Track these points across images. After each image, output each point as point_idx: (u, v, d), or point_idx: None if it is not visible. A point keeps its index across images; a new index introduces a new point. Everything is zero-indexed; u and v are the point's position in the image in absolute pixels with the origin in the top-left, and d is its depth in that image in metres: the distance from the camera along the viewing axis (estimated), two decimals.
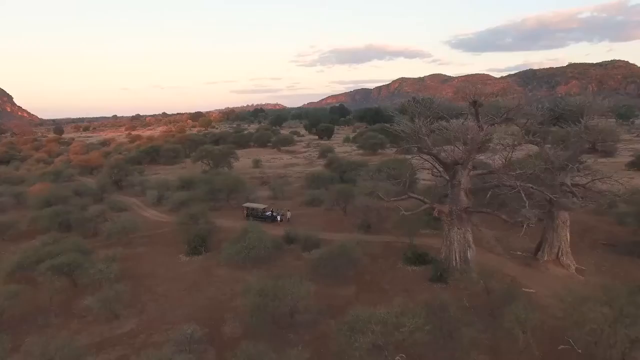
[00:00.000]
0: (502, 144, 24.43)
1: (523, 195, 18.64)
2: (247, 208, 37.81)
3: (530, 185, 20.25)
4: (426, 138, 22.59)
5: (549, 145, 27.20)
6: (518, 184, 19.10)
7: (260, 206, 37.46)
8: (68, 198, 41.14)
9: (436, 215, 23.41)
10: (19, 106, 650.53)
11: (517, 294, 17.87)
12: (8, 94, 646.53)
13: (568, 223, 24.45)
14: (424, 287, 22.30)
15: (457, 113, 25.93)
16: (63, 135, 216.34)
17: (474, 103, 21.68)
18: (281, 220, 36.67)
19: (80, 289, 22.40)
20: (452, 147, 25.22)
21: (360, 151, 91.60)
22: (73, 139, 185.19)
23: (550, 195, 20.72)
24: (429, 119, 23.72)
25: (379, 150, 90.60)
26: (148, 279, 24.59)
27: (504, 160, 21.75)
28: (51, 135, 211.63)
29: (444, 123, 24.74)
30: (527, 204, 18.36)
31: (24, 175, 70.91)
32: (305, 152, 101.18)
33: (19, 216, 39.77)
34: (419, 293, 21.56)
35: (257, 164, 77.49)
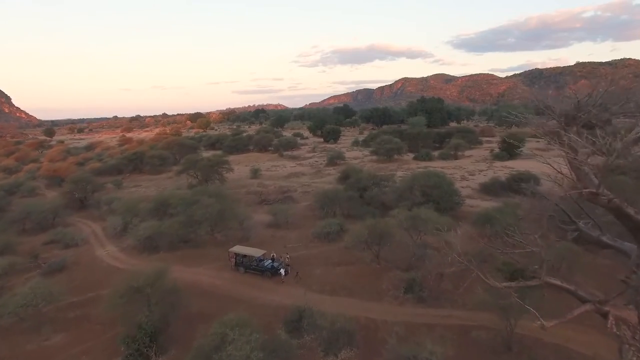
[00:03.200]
0: None
1: None
2: (237, 255, 25.81)
3: None
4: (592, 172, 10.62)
5: None
6: None
7: (256, 252, 25.40)
8: None
9: (612, 330, 11.38)
10: (17, 107, 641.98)
11: None
12: (6, 95, 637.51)
13: None
14: None
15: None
16: (54, 138, 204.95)
17: None
18: (286, 274, 24.68)
19: None
20: None
21: (374, 157, 79.47)
22: (63, 141, 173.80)
23: None
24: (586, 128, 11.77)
25: (395, 156, 78.60)
26: None
27: None
28: (41, 137, 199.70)
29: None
30: None
31: None
32: (311, 157, 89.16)
33: None
34: None
35: (255, 173, 65.63)
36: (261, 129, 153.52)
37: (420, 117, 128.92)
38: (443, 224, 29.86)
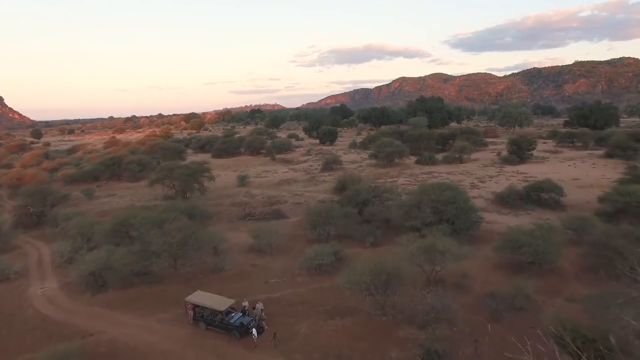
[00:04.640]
0: None
1: None
2: (196, 306, 19.36)
3: None
4: None
5: None
6: None
7: (221, 303, 18.80)
8: None
9: None
10: (10, 107, 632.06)
11: None
12: None
13: None
14: None
15: None
16: (41, 139, 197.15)
17: None
18: (260, 333, 18.25)
19: None
20: None
21: (373, 161, 72.86)
22: (49, 143, 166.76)
23: None
24: None
25: (396, 160, 72.01)
26: None
27: None
28: (28, 138, 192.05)
29: None
30: None
31: None
32: (305, 161, 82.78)
33: None
34: None
35: (243, 181, 59.29)
36: (255, 130, 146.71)
37: (421, 117, 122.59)
38: (465, 255, 23.80)
